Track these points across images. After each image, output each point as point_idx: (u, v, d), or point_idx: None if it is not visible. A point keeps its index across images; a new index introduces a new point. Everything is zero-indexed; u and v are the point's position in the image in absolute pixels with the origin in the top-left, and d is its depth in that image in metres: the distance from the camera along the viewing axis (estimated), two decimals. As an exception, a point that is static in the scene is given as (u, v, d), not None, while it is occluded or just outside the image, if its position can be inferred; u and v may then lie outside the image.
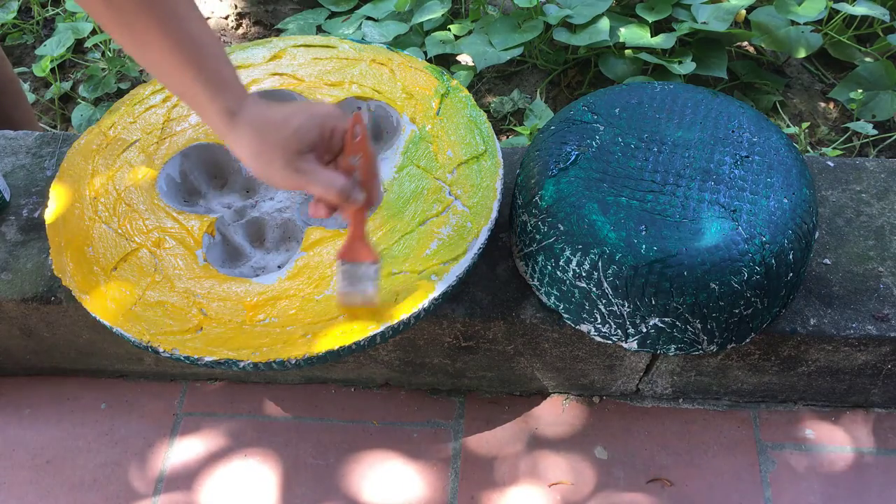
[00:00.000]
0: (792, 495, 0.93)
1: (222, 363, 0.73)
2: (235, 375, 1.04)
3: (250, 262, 0.87)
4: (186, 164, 0.92)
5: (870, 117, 1.36)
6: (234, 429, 1.00)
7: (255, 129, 0.62)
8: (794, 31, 1.38)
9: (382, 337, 0.75)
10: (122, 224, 0.84)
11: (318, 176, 0.64)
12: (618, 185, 0.79)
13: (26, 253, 0.92)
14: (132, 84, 1.54)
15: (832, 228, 0.93)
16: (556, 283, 0.82)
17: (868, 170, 1.00)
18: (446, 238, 0.81)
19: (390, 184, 0.87)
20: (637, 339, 0.81)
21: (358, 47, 1.01)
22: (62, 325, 0.93)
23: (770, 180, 0.79)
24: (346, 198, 0.65)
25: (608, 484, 0.94)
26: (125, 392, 1.04)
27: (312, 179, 0.64)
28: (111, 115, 0.96)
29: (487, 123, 0.91)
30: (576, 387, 1.00)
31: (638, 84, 0.90)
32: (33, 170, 1.01)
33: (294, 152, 0.62)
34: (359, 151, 0.66)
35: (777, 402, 1.00)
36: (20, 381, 1.05)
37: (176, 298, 0.78)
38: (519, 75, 1.52)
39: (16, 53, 1.63)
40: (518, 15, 1.46)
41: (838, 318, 0.86)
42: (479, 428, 0.99)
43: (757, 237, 0.75)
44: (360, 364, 0.98)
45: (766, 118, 0.87)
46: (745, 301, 0.76)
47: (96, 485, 0.96)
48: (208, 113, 0.63)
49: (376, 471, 0.96)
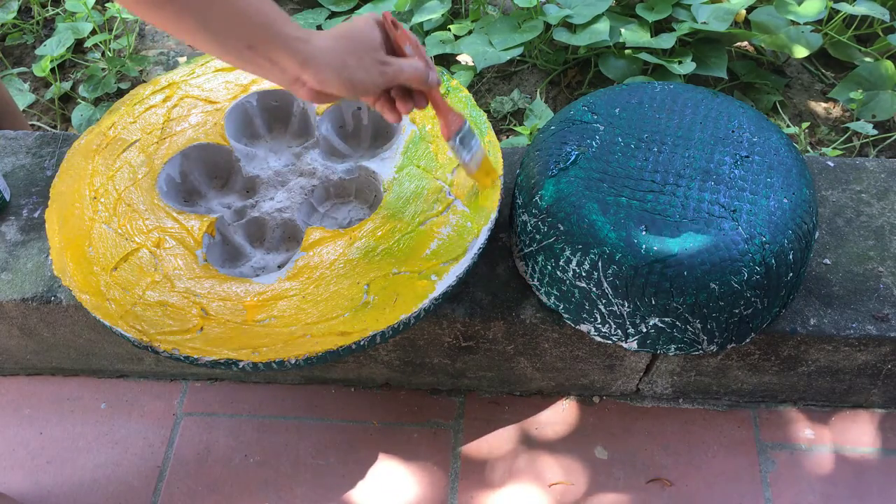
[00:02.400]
0: (792, 495, 0.93)
1: (222, 363, 0.73)
2: (235, 375, 1.04)
3: (250, 262, 0.87)
4: (186, 164, 0.92)
5: (870, 117, 1.36)
6: (234, 429, 1.00)
7: (335, 42, 0.64)
8: (794, 31, 1.38)
9: (382, 337, 0.75)
10: (122, 224, 0.84)
11: (403, 64, 0.67)
12: (618, 185, 0.79)
13: (26, 253, 0.92)
14: (132, 84, 1.54)
15: (832, 228, 0.93)
16: (556, 283, 0.82)
17: (868, 170, 1.00)
18: (446, 238, 0.81)
19: (390, 184, 0.87)
20: (637, 339, 0.81)
21: (358, 47, 1.01)
22: (62, 325, 0.93)
23: (770, 180, 0.79)
24: (425, 80, 0.69)
25: (608, 484, 0.94)
26: (125, 392, 1.04)
27: (400, 68, 0.67)
28: (111, 115, 0.96)
29: (487, 123, 0.91)
30: (576, 387, 1.00)
31: (638, 84, 0.90)
32: (33, 170, 1.01)
33: (375, 50, 0.66)
34: (405, 41, 0.69)
35: (777, 402, 1.00)
36: (20, 381, 1.05)
37: (176, 298, 0.78)
38: (519, 75, 1.52)
39: (16, 53, 1.63)
40: (518, 15, 1.46)
41: (838, 318, 0.86)
42: (478, 428, 0.99)
43: (757, 237, 0.75)
44: (360, 364, 0.98)
45: (766, 118, 0.87)
46: (745, 301, 0.76)
47: (96, 485, 0.96)
48: (283, 47, 0.63)
49: (376, 471, 0.96)
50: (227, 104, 0.95)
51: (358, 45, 0.65)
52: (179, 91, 0.97)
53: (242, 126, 0.97)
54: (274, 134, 0.99)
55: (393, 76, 0.67)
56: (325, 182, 0.91)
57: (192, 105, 0.95)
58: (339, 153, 0.96)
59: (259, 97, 0.97)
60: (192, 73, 0.99)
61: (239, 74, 0.98)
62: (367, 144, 0.98)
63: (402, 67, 0.67)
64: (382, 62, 0.66)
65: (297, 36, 0.63)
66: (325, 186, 0.91)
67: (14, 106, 1.24)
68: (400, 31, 0.69)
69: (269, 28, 0.62)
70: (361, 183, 0.92)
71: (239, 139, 0.95)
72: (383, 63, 0.66)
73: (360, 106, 0.96)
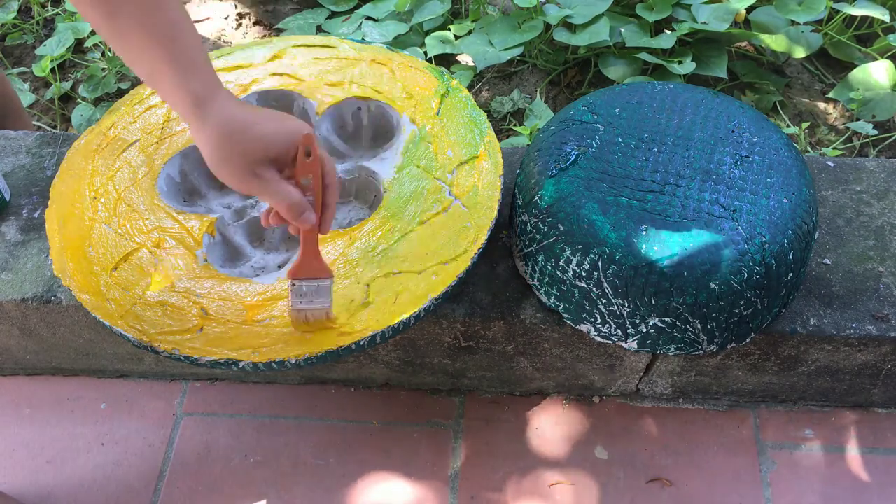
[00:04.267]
0: (792, 495, 0.93)
1: (222, 363, 0.73)
2: (235, 375, 1.04)
3: (250, 262, 0.87)
4: (186, 164, 0.92)
5: (870, 117, 1.36)
6: (234, 429, 1.00)
7: (221, 124, 0.61)
8: (794, 31, 1.38)
9: (382, 337, 0.75)
10: (122, 224, 0.84)
11: (273, 187, 0.63)
12: (618, 185, 0.79)
13: (26, 253, 0.92)
14: (132, 84, 1.54)
15: (832, 228, 0.93)
16: (556, 283, 0.82)
17: (868, 170, 1.00)
18: (446, 238, 0.81)
19: (390, 184, 0.87)
20: (637, 339, 0.81)
21: (358, 47, 1.01)
22: (62, 325, 0.93)
23: (770, 180, 0.79)
24: (297, 215, 0.65)
25: (608, 484, 0.94)
26: (125, 392, 1.04)
27: (268, 189, 0.63)
28: (111, 115, 0.96)
29: (487, 123, 0.91)
30: (576, 387, 1.00)
31: (638, 84, 0.90)
32: (33, 170, 1.01)
33: (256, 159, 0.62)
34: (309, 173, 0.66)
35: (777, 402, 1.00)
36: (20, 381, 1.05)
37: (176, 298, 0.78)
38: (519, 75, 1.52)
39: (16, 53, 1.63)
40: (518, 15, 1.46)
41: (838, 318, 0.86)
42: (479, 428, 0.99)
43: (757, 237, 0.75)
44: (360, 364, 0.98)
45: (766, 118, 0.87)
46: (745, 301, 0.76)
47: (96, 485, 0.96)
48: (175, 96, 0.61)
49: (376, 471, 0.96)
50: (227, 104, 0.95)
51: (242, 143, 0.61)
52: (179, 91, 0.97)
53: (242, 126, 0.97)
54: (274, 134, 0.99)
55: (258, 193, 0.63)
56: (325, 182, 0.91)
57: (192, 105, 0.95)
58: (339, 153, 0.96)
59: (259, 97, 0.97)
60: (192, 73, 0.99)
61: (239, 74, 0.98)
62: (367, 144, 0.98)
63: (271, 190, 0.63)
64: (255, 174, 0.62)
65: (195, 92, 0.59)
66: (325, 186, 0.91)
67: (19, 104, 1.24)
68: (310, 160, 0.65)
69: (168, 74, 0.59)
70: (361, 183, 0.92)
71: (239, 139, 0.95)
72: (255, 175, 0.62)
73: (360, 106, 0.96)
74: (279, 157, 0.64)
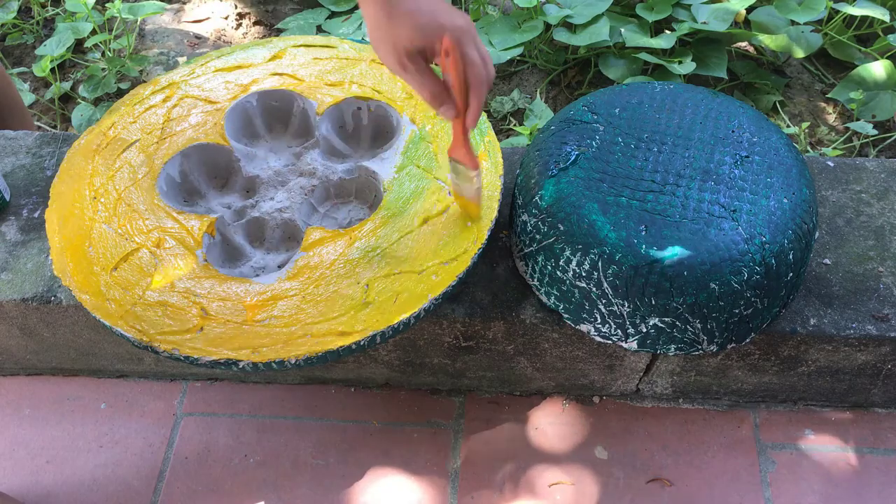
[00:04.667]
0: (792, 495, 0.93)
1: (222, 363, 0.73)
2: (235, 375, 1.04)
3: (250, 262, 0.87)
4: (186, 164, 0.92)
5: (870, 117, 1.36)
6: (234, 429, 1.00)
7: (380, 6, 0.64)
8: (794, 31, 1.38)
9: (382, 337, 0.75)
10: (122, 224, 0.84)
11: (415, 76, 0.67)
12: (618, 185, 0.79)
13: (26, 253, 0.92)
14: (132, 84, 1.54)
15: (832, 228, 0.93)
16: (556, 283, 0.82)
17: (868, 170, 1.00)
18: (446, 238, 0.81)
19: (390, 184, 0.87)
20: (637, 339, 0.81)
21: (358, 47, 1.01)
22: (62, 325, 0.93)
23: (770, 180, 0.79)
24: (436, 106, 0.68)
25: (608, 484, 0.94)
26: (125, 392, 1.04)
27: (410, 77, 0.67)
28: (111, 115, 0.96)
29: (487, 123, 0.91)
30: (576, 387, 1.00)
31: (638, 84, 0.90)
32: (33, 170, 1.01)
33: (402, 48, 0.65)
34: (448, 71, 0.68)
35: (777, 402, 1.00)
36: (20, 381, 1.05)
37: (176, 298, 0.78)
38: (519, 75, 1.52)
39: (16, 53, 1.63)
40: (518, 15, 1.46)
41: (838, 318, 0.86)
42: (479, 428, 0.99)
43: (757, 237, 0.75)
44: (360, 364, 0.98)
45: (766, 118, 0.87)
46: (745, 301, 0.76)
47: (96, 485, 0.96)
48: None
49: (376, 471, 0.96)
50: (227, 104, 0.95)
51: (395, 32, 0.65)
52: (179, 91, 0.97)
53: (242, 126, 0.97)
54: (274, 134, 0.99)
55: (404, 80, 0.68)
56: (325, 182, 0.91)
57: (192, 105, 0.96)
58: (339, 153, 0.96)
59: (259, 97, 0.97)
60: (192, 73, 0.99)
61: (239, 74, 0.98)
62: (367, 144, 0.98)
63: (412, 78, 0.67)
64: (401, 63, 0.66)
65: None
66: (325, 186, 0.91)
67: (21, 103, 1.24)
68: (451, 58, 0.66)
69: None
70: (361, 183, 0.92)
71: (239, 139, 0.95)
72: (401, 64, 0.66)
73: (360, 106, 0.96)
74: (424, 49, 0.66)
